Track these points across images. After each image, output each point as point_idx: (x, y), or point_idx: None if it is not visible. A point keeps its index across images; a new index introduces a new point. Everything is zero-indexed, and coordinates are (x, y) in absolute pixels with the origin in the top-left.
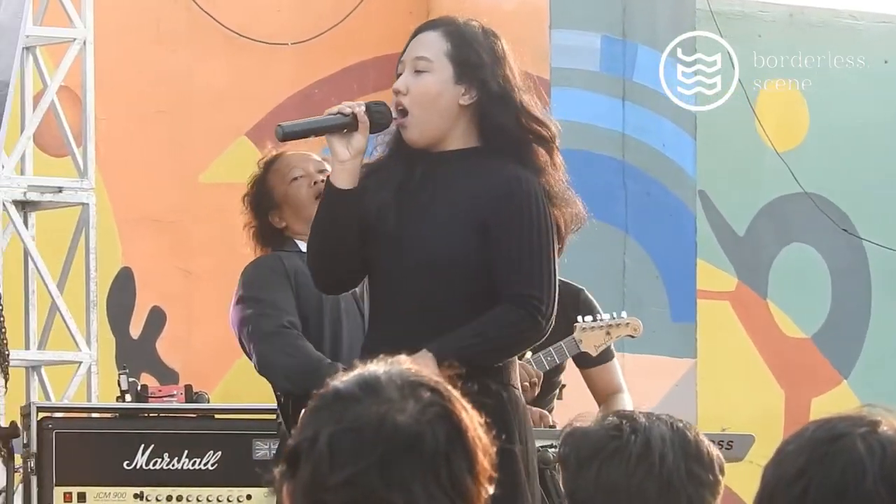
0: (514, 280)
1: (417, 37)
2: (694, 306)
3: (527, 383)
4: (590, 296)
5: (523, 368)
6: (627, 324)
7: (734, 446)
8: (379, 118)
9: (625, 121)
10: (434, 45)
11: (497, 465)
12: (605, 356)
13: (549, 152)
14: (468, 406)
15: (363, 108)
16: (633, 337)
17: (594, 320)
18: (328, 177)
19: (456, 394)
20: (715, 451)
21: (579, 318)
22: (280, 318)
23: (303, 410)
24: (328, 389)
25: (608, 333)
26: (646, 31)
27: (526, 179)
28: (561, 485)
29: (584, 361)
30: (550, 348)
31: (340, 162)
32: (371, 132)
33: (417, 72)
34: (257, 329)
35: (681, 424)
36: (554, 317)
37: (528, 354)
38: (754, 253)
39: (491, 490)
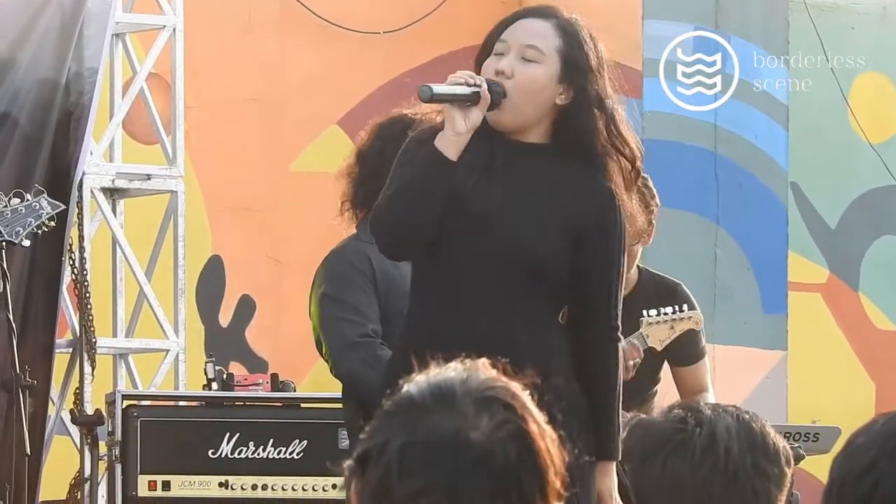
0: (604, 305)
1: (524, 22)
2: (785, 298)
3: (631, 362)
4: (686, 290)
5: (631, 348)
6: (690, 317)
7: (820, 438)
8: (496, 98)
9: (716, 112)
10: (547, 38)
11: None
12: (698, 355)
13: (628, 169)
14: (543, 422)
15: (485, 84)
16: (695, 330)
17: (658, 314)
18: (434, 144)
19: (531, 409)
20: (782, 443)
21: (644, 312)
22: (364, 327)
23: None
24: (403, 395)
25: (672, 328)
26: (738, 22)
27: (617, 193)
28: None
29: (678, 360)
30: (631, 337)
31: (457, 134)
32: (487, 110)
33: (526, 59)
34: (340, 335)
35: (746, 416)
36: None
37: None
38: (846, 245)
39: None
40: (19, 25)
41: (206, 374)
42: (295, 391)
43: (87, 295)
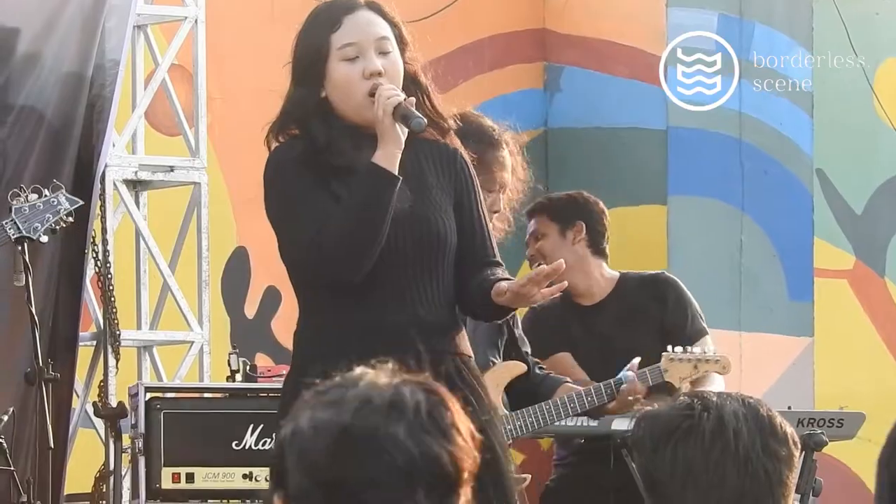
0: (490, 247)
1: (360, 18)
2: (811, 285)
3: (630, 398)
4: (669, 276)
5: (633, 383)
6: (717, 360)
7: (844, 424)
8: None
9: (741, 99)
10: (385, 27)
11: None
12: (698, 331)
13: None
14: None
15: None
16: (722, 374)
17: (683, 351)
18: (380, 166)
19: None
20: (788, 426)
21: (669, 347)
22: None
23: None
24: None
25: (696, 367)
26: (762, 9)
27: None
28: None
29: (680, 340)
30: (645, 370)
31: (399, 149)
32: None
33: (383, 53)
34: None
35: (752, 400)
36: None
37: (635, 360)
38: (872, 231)
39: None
40: (43, 19)
41: (229, 365)
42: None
43: (111, 287)
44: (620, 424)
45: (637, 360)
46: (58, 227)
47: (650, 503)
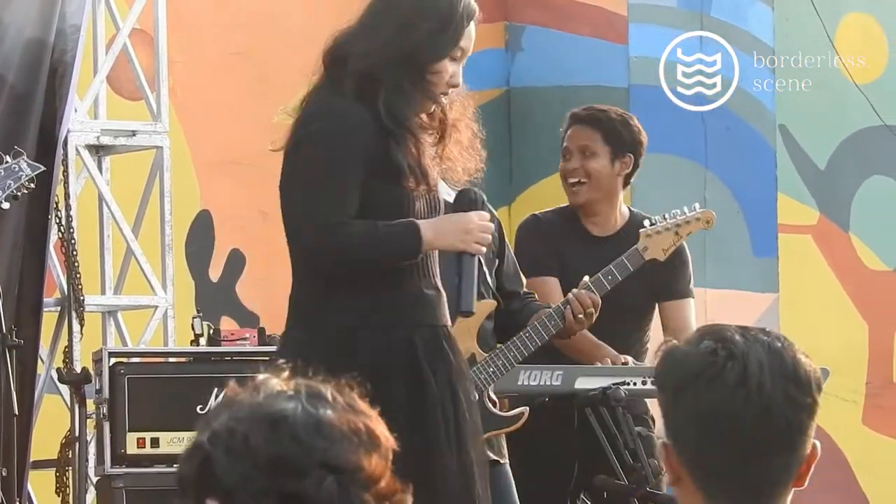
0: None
1: (471, 30)
2: (775, 241)
3: (581, 315)
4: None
5: (578, 299)
6: (698, 218)
7: None
8: None
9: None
10: None
11: None
12: (685, 292)
13: None
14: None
15: None
16: (706, 229)
17: (662, 219)
18: (424, 237)
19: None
20: (813, 370)
21: (645, 222)
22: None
23: None
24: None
25: (677, 233)
26: None
27: None
28: (630, 422)
29: (665, 294)
30: (611, 266)
31: (437, 249)
32: None
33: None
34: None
35: (778, 345)
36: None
37: (586, 278)
38: (836, 186)
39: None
40: None
41: (193, 329)
42: None
43: (75, 253)
44: (584, 383)
45: (586, 277)
46: (20, 194)
47: (669, 442)
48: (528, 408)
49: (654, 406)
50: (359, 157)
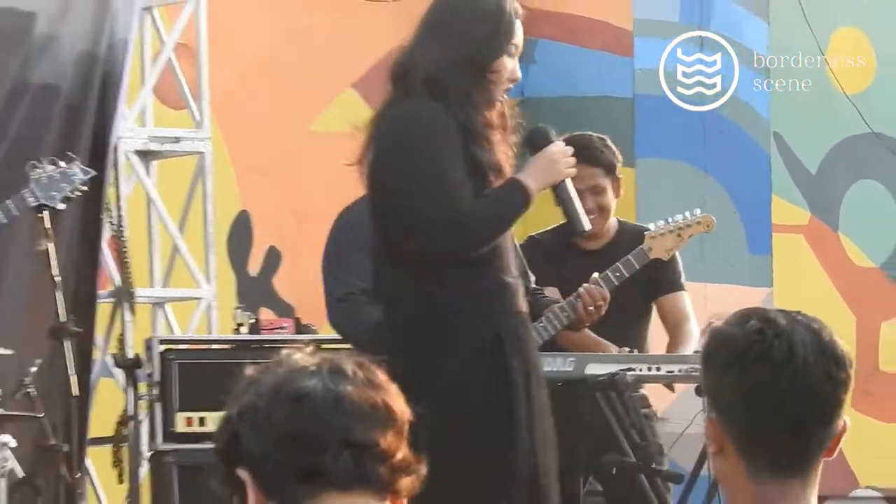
0: None
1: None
2: (769, 239)
3: (591, 307)
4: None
5: (588, 292)
6: (699, 221)
7: None
8: None
9: (702, 67)
10: None
11: None
12: (676, 285)
13: None
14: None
15: None
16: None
17: (665, 223)
18: (529, 190)
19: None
20: (846, 350)
21: (650, 225)
22: (352, 285)
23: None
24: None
25: (679, 235)
26: None
27: None
28: (636, 404)
29: (660, 291)
30: (618, 263)
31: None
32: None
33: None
34: (330, 290)
35: (817, 325)
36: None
37: (596, 274)
38: (826, 189)
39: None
40: (56, 3)
41: (235, 319)
42: (316, 334)
43: (126, 249)
44: (594, 369)
45: (596, 274)
46: (73, 195)
47: (714, 415)
48: None
49: (652, 398)
50: (457, 154)
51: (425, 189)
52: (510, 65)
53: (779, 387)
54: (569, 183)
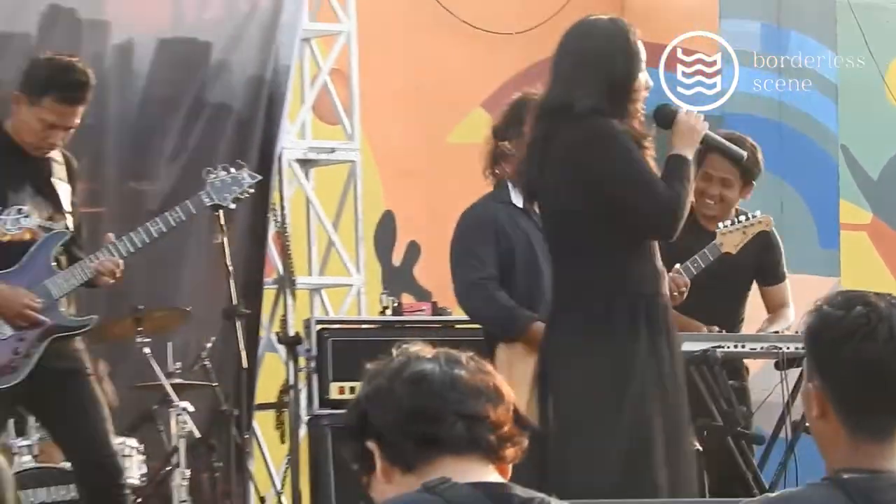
0: None
1: None
2: (837, 236)
3: (675, 293)
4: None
5: (672, 280)
6: (760, 221)
7: None
8: None
9: (780, 90)
10: None
11: None
12: (782, 276)
13: None
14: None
15: None
16: (767, 231)
17: (731, 224)
18: (684, 153)
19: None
20: None
21: (720, 224)
22: (482, 271)
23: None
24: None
25: (744, 233)
26: (796, 19)
27: None
28: (725, 377)
29: (768, 280)
30: (696, 255)
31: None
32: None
33: None
34: (463, 276)
35: None
36: None
37: (678, 265)
38: (886, 193)
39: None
40: (230, 35)
41: (381, 303)
42: (450, 315)
43: (288, 243)
44: (689, 346)
45: (678, 265)
46: (243, 197)
47: (818, 384)
48: None
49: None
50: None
51: (639, 187)
52: (644, 79)
53: (884, 362)
54: (710, 132)
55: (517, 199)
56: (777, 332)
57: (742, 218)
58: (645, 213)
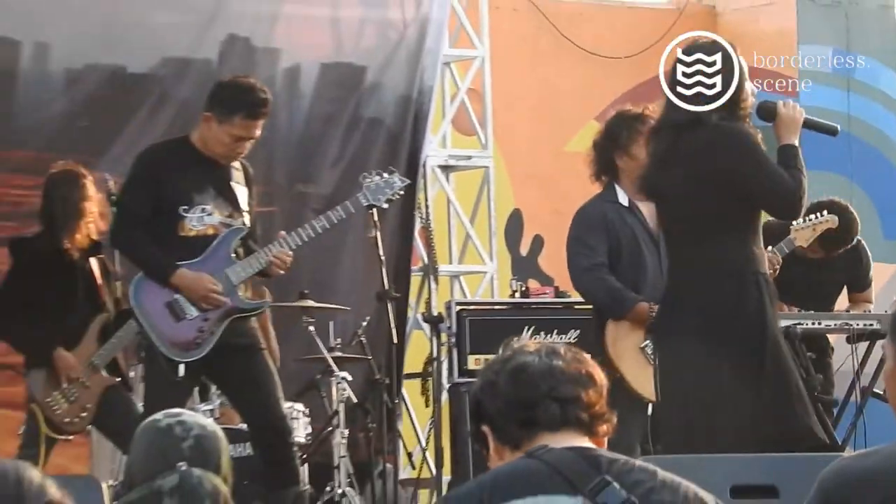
0: None
1: None
2: None
3: (770, 270)
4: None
5: (769, 259)
6: (827, 220)
7: None
8: None
9: (849, 105)
10: None
11: None
12: (867, 285)
13: None
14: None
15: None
16: (833, 230)
17: (804, 222)
18: (793, 141)
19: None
20: None
21: (794, 222)
22: (594, 258)
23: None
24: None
25: (814, 230)
26: (863, 45)
27: None
28: (804, 349)
29: (856, 287)
30: (780, 243)
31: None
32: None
33: None
34: (577, 263)
35: None
36: None
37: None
38: None
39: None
40: (382, 59)
41: (510, 287)
42: (569, 297)
43: (431, 237)
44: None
45: (769, 247)
46: (394, 198)
47: None
48: None
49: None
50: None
51: (768, 177)
52: (749, 88)
53: None
54: (808, 116)
55: (623, 199)
56: (847, 310)
57: (812, 217)
58: (775, 199)
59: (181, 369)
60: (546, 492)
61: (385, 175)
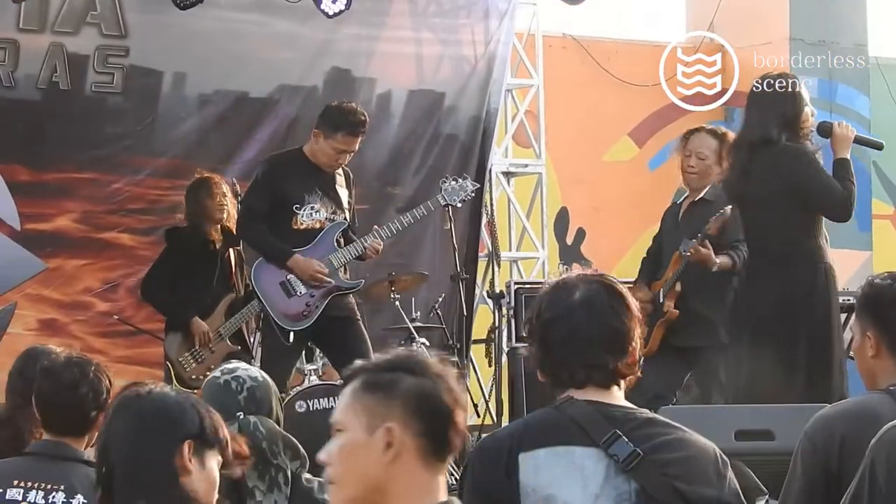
0: None
1: None
2: (870, 222)
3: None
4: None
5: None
6: (723, 212)
7: None
8: None
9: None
10: None
11: None
12: None
13: None
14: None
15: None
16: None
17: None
18: (845, 153)
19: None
20: None
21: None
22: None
23: None
24: None
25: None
26: (842, 75)
27: None
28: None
29: None
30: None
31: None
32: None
33: None
34: None
35: None
36: None
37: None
38: None
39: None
40: (458, 86)
41: (558, 270)
42: None
43: (495, 229)
44: None
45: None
46: (466, 199)
47: (876, 333)
48: None
49: None
50: None
51: (826, 188)
52: (808, 111)
53: None
54: (858, 134)
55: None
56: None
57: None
58: (831, 205)
59: (291, 336)
60: (566, 443)
61: (459, 180)
